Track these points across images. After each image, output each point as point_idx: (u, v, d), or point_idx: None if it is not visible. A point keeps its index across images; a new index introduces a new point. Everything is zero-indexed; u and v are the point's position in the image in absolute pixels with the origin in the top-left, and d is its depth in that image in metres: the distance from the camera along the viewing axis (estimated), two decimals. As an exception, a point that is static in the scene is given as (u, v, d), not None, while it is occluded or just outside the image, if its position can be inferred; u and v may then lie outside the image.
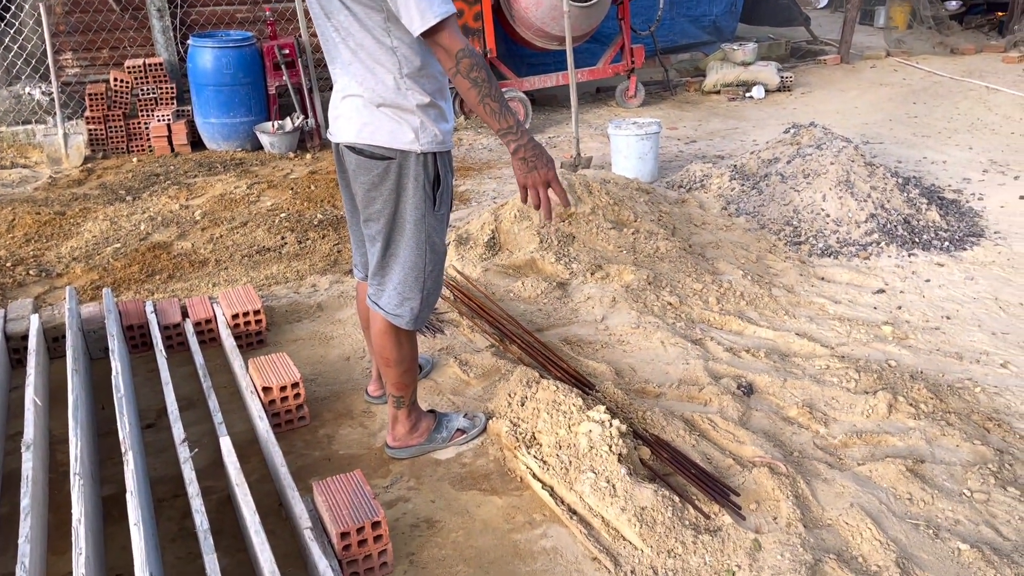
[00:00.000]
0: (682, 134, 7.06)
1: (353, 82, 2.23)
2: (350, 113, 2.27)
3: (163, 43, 7.00)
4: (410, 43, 2.18)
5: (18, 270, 4.38)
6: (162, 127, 6.66)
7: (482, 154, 6.72)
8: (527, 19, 7.09)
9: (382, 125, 2.23)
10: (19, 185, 6.02)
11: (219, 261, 4.60)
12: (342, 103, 2.30)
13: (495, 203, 5.40)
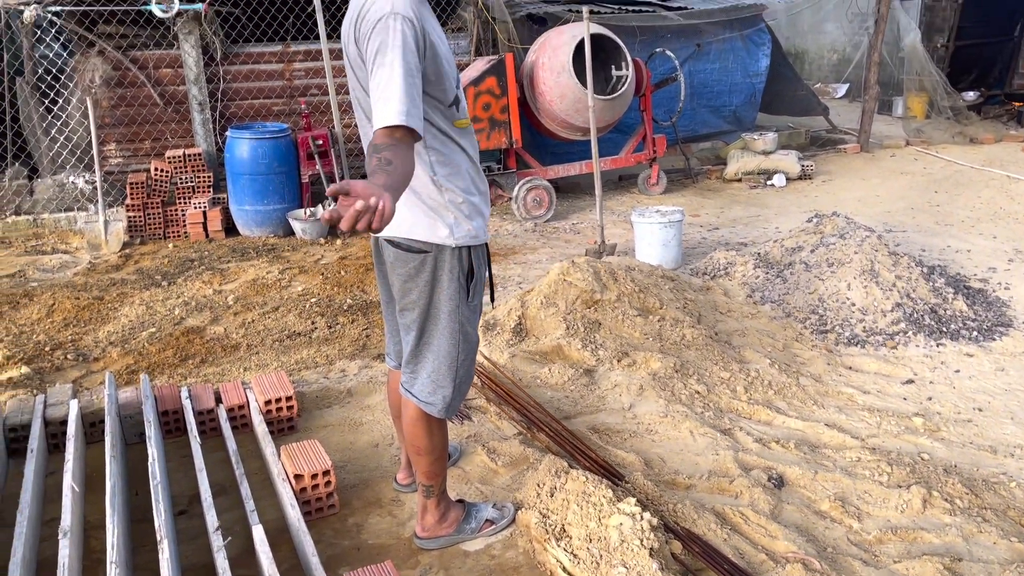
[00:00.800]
0: (705, 221, 7.17)
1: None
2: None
3: (203, 134, 7.29)
4: (441, 144, 2.29)
5: (56, 354, 4.48)
6: (198, 214, 6.87)
7: (507, 240, 6.84)
8: (552, 111, 7.32)
9: (419, 220, 2.32)
10: (59, 270, 6.20)
11: (251, 346, 4.68)
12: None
13: (521, 288, 5.48)
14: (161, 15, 6.82)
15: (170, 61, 7.22)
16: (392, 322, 2.70)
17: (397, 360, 2.73)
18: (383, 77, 2.01)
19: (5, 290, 5.64)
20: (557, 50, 7.15)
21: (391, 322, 2.71)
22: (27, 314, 5.12)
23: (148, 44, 7.20)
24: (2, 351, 4.45)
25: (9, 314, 5.14)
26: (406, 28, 2.06)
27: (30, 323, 4.98)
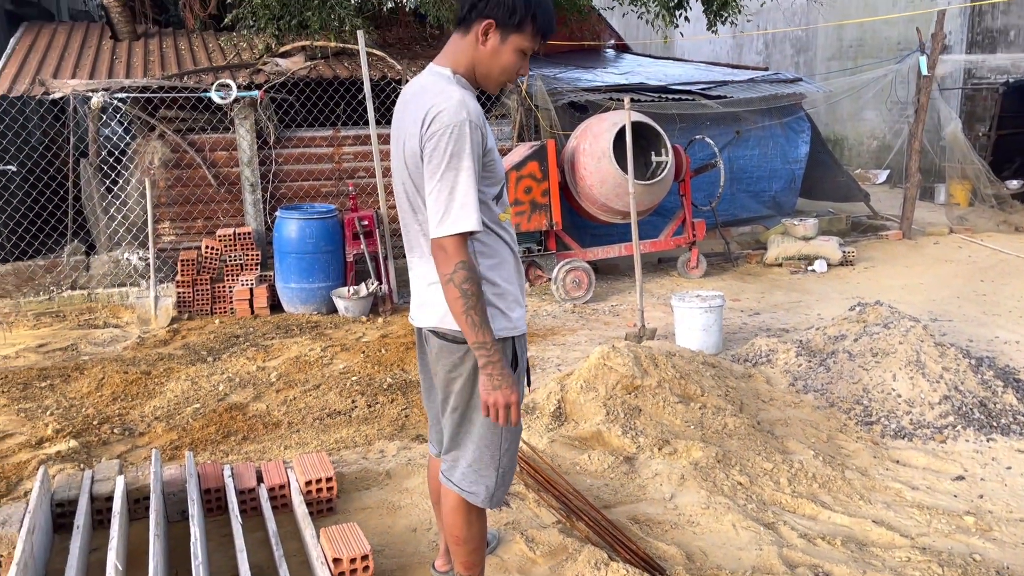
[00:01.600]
0: (745, 306, 7.14)
1: (435, 272, 2.27)
2: (434, 300, 2.36)
3: (253, 214, 7.54)
4: (486, 235, 2.33)
5: (104, 428, 4.57)
6: (245, 291, 7.04)
7: (546, 320, 6.88)
8: (592, 195, 7.44)
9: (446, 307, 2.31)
10: (110, 344, 6.36)
11: (291, 423, 4.73)
12: (426, 290, 2.40)
13: (559, 371, 5.48)
14: (219, 101, 7.15)
15: (225, 144, 7.52)
16: (433, 409, 2.69)
17: (438, 447, 2.71)
18: (459, 183, 2.14)
19: (58, 363, 5.80)
20: (598, 136, 7.32)
21: (432, 409, 2.70)
22: (77, 387, 5.25)
23: (205, 128, 7.53)
24: (52, 424, 4.55)
25: (61, 387, 5.27)
26: (475, 135, 2.16)
27: (80, 396, 5.10)
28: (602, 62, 11.20)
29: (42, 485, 3.06)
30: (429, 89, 2.27)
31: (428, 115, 2.18)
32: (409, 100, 2.34)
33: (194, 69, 7.64)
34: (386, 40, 9.07)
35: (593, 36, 11.45)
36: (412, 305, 2.53)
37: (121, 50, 8.40)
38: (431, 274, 2.33)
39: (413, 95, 2.33)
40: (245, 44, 8.60)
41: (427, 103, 2.21)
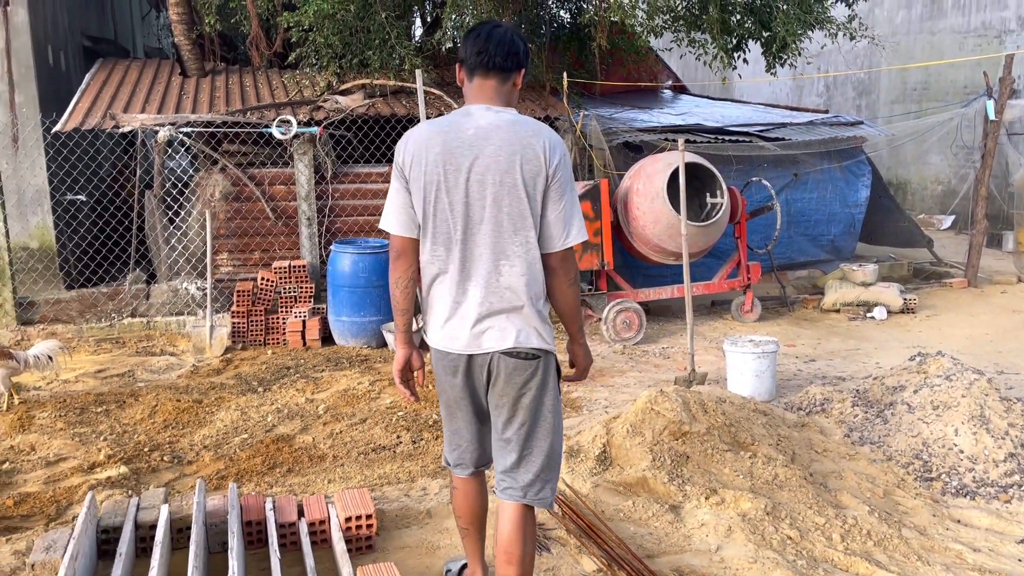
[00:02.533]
0: (800, 352, 6.97)
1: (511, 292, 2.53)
2: (511, 322, 2.54)
3: (308, 247, 7.67)
4: (539, 259, 2.56)
5: (154, 455, 4.64)
6: (298, 323, 7.14)
7: (595, 361, 6.80)
8: (644, 236, 7.39)
9: (533, 328, 2.56)
10: (165, 372, 6.50)
11: (336, 457, 4.74)
12: (496, 317, 2.54)
13: (607, 413, 5.40)
14: (280, 137, 7.33)
15: (284, 179, 7.69)
16: (474, 431, 2.76)
17: (475, 467, 2.83)
18: (576, 202, 2.59)
19: (115, 389, 5.94)
20: (652, 177, 7.28)
21: (472, 431, 2.76)
22: (131, 414, 5.35)
23: (265, 163, 7.72)
24: (105, 449, 4.64)
25: (115, 413, 5.39)
26: None
27: (133, 423, 5.20)
28: (659, 103, 11.20)
29: (88, 511, 3.11)
30: (527, 124, 2.57)
31: (548, 145, 2.53)
32: (493, 132, 2.52)
33: (256, 105, 7.86)
34: (443, 79, 9.21)
35: (650, 77, 11.47)
36: (459, 335, 2.57)
37: (189, 86, 8.70)
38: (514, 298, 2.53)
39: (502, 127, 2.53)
40: (307, 81, 8.83)
41: (540, 135, 2.54)
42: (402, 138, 2.64)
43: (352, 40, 8.23)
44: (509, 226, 2.51)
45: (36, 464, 4.46)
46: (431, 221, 2.56)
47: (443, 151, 2.52)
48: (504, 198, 2.51)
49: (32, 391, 5.94)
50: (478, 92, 2.60)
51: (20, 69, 8.50)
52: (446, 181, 2.52)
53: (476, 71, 2.58)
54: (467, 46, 2.61)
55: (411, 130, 2.64)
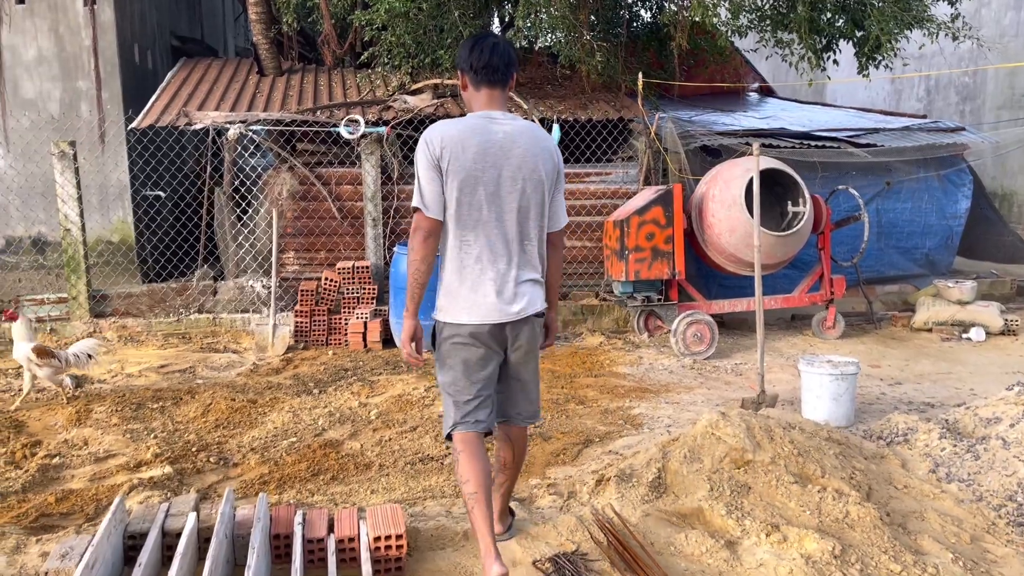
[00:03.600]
0: (885, 374, 6.49)
1: (531, 267, 3.05)
2: (534, 291, 3.06)
3: (373, 248, 7.60)
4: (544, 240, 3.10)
5: (200, 456, 4.59)
6: (359, 324, 7.07)
7: (661, 375, 6.50)
8: (719, 245, 7.03)
9: (542, 295, 3.14)
10: (225, 369, 6.51)
11: (383, 466, 4.59)
12: (522, 286, 3.02)
13: (668, 432, 5.11)
14: (347, 136, 7.28)
15: (351, 178, 7.65)
16: (492, 389, 3.15)
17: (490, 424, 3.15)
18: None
19: (174, 385, 5.96)
20: (729, 183, 6.92)
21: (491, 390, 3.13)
22: (185, 411, 5.34)
23: (333, 162, 7.68)
24: (153, 448, 4.62)
25: (171, 409, 5.39)
26: None
27: (186, 421, 5.18)
28: (742, 106, 10.76)
29: (113, 516, 3.03)
30: (537, 130, 3.09)
31: (555, 147, 3.12)
32: (517, 136, 2.97)
33: (327, 104, 7.84)
34: (517, 80, 9.03)
35: (735, 79, 11.02)
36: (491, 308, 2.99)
37: (264, 85, 8.77)
38: (529, 272, 3.04)
39: (523, 133, 2.99)
40: (380, 81, 8.79)
41: (548, 140, 3.11)
42: (430, 133, 2.93)
43: (425, 39, 8.13)
44: (532, 214, 3.00)
45: (85, 460, 4.46)
46: (464, 209, 2.92)
47: (478, 151, 2.91)
48: (530, 191, 2.98)
49: (96, 384, 6.03)
50: (488, 100, 3.00)
51: (106, 67, 8.74)
52: (483, 176, 2.91)
53: (484, 83, 2.97)
54: (473, 59, 2.95)
55: (438, 127, 2.94)
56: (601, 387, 6.09)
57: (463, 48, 3.00)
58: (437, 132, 2.91)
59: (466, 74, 2.99)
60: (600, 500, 3.83)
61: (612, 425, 5.28)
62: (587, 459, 4.73)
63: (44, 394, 5.75)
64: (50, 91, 8.69)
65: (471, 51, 2.96)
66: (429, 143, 2.90)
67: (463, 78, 3.02)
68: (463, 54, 2.98)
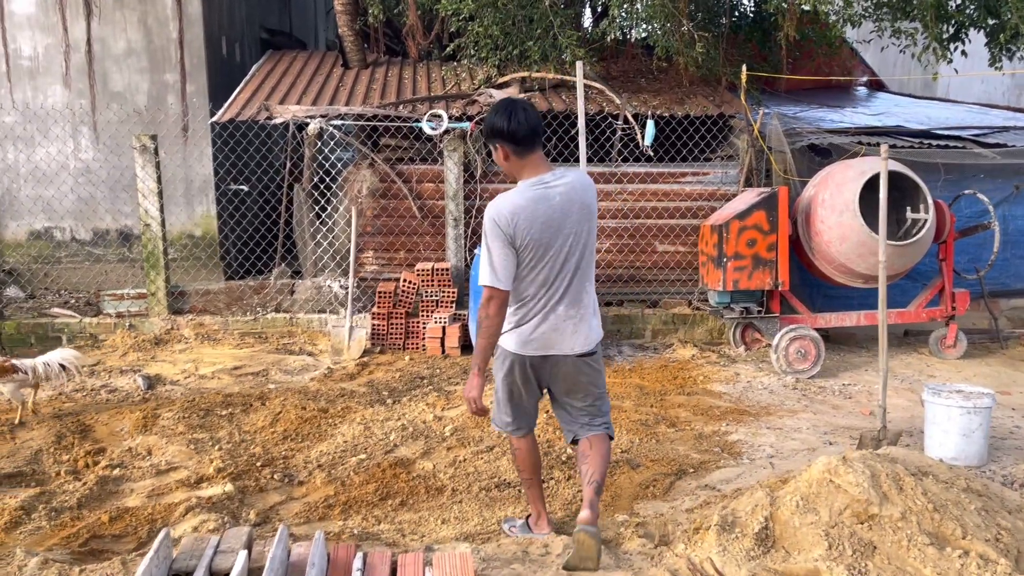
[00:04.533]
0: (1017, 402, 5.78)
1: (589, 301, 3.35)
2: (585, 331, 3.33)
3: (453, 249, 7.27)
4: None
5: (264, 472, 4.33)
6: (437, 329, 6.75)
7: (761, 395, 5.95)
8: (828, 254, 6.42)
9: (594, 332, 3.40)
10: (299, 373, 6.28)
11: (455, 491, 4.24)
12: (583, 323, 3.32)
13: (771, 464, 4.60)
14: (429, 132, 6.96)
15: (432, 176, 7.33)
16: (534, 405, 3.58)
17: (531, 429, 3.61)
18: None
19: (245, 390, 5.76)
20: (841, 186, 6.30)
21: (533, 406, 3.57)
22: (254, 420, 5.11)
23: (414, 159, 7.38)
24: (216, 461, 4.38)
25: (239, 417, 5.17)
26: None
27: (253, 431, 4.94)
28: (851, 101, 10.00)
29: (156, 554, 2.75)
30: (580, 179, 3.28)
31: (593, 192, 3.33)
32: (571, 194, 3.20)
33: (409, 98, 7.55)
34: (610, 72, 8.56)
35: (843, 72, 10.25)
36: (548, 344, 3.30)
37: (348, 78, 8.55)
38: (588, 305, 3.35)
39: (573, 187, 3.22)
40: (466, 74, 8.45)
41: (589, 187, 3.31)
42: (499, 210, 3.11)
43: (513, 30, 7.73)
44: (588, 262, 3.32)
45: (146, 472, 4.26)
46: (536, 270, 3.19)
47: (546, 220, 3.14)
48: (587, 245, 3.29)
49: (168, 386, 5.89)
50: (536, 164, 3.17)
51: (192, 60, 8.68)
52: (552, 241, 3.17)
53: (527, 149, 3.12)
54: (512, 127, 3.05)
55: (505, 203, 3.12)
56: (694, 407, 5.60)
57: (500, 120, 3.07)
58: (507, 209, 3.10)
59: (505, 145, 3.10)
60: (698, 551, 3.37)
61: (707, 453, 4.79)
62: (680, 493, 4.27)
63: (116, 394, 5.64)
64: (138, 83, 8.68)
65: (508, 120, 3.05)
66: (499, 220, 3.09)
67: (502, 150, 3.13)
68: (499, 125, 3.07)
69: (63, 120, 8.56)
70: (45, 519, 3.63)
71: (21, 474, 4.16)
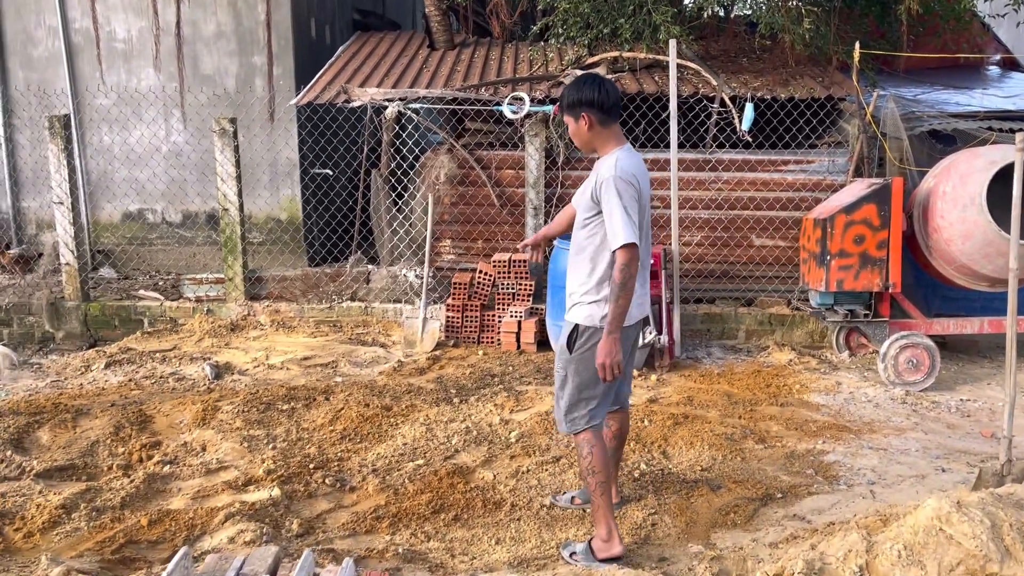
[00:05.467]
0: None
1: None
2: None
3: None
4: None
5: (316, 476, 4.11)
6: (513, 323, 6.44)
7: (864, 409, 5.38)
8: (948, 253, 5.74)
9: None
10: (368, 366, 6.09)
11: (515, 506, 3.92)
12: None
13: (872, 493, 4.08)
14: (510, 116, 6.61)
15: (512, 162, 6.98)
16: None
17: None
18: None
19: (311, 383, 5.60)
20: (966, 177, 5.60)
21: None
22: (314, 416, 4.93)
23: (494, 144, 7.05)
24: (268, 461, 4.20)
25: (300, 413, 5.00)
26: None
27: (312, 429, 4.76)
28: (981, 81, 9.03)
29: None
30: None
31: None
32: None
33: (492, 80, 7.21)
34: (709, 52, 7.99)
35: (972, 49, 9.28)
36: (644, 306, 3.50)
37: (433, 59, 8.29)
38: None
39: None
40: (554, 55, 8.05)
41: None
42: (628, 171, 3.19)
43: (604, 7, 7.28)
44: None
45: (196, 471, 4.11)
46: (643, 233, 3.28)
47: (646, 179, 3.34)
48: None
49: (236, 375, 5.79)
50: (617, 134, 3.32)
51: (279, 42, 8.60)
52: (647, 206, 3.35)
53: (613, 119, 3.29)
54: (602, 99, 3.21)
55: (629, 164, 3.21)
56: (787, 420, 5.09)
57: (587, 90, 3.20)
58: (631, 169, 3.21)
59: (593, 114, 3.22)
60: (778, 603, 2.94)
61: (799, 475, 4.31)
62: (764, 523, 3.82)
63: (183, 383, 5.57)
64: (227, 66, 8.67)
65: (598, 92, 3.20)
66: (632, 181, 3.18)
67: (588, 119, 3.23)
68: (587, 95, 3.20)
69: (155, 102, 8.64)
70: (85, 520, 3.51)
71: (73, 467, 4.09)
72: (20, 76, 8.83)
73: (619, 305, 3.16)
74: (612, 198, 3.14)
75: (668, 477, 4.23)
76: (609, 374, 3.17)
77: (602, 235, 3.25)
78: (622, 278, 3.14)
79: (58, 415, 4.79)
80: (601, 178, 3.19)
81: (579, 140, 3.33)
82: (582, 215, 3.34)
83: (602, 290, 3.27)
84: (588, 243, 3.32)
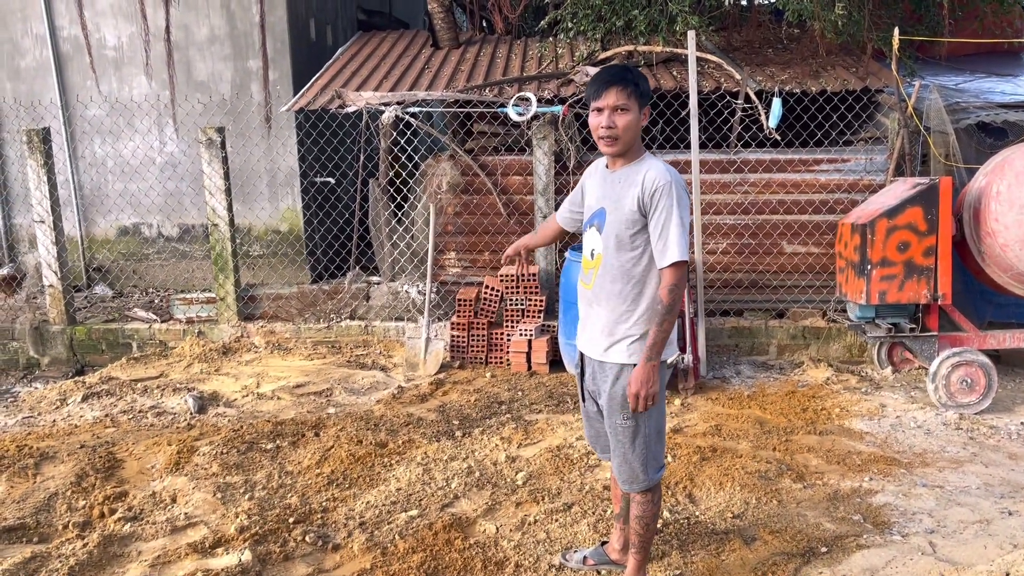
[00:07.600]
0: None
1: None
2: None
3: (543, 252, 6.40)
4: None
5: (295, 533, 3.63)
6: (523, 342, 5.94)
7: (914, 437, 4.82)
8: (1004, 260, 5.16)
9: None
10: (366, 392, 5.62)
11: (520, 566, 3.43)
12: None
13: (932, 548, 3.55)
14: (516, 118, 6.10)
15: (519, 168, 6.48)
16: None
17: None
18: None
19: (301, 416, 5.14)
20: (1023, 176, 5.02)
21: None
22: (300, 457, 4.46)
23: (499, 148, 6.55)
24: (242, 516, 3.73)
25: (284, 453, 4.53)
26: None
27: (296, 472, 4.28)
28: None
29: None
30: None
31: None
32: None
33: (497, 80, 6.70)
34: (731, 43, 7.44)
35: (1016, 34, 8.64)
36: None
37: (436, 59, 7.80)
38: None
39: None
40: (565, 51, 7.53)
41: None
42: (675, 174, 2.83)
43: (616, -2, 6.75)
44: None
45: (160, 529, 3.65)
46: None
47: None
48: None
49: (222, 407, 5.34)
50: None
51: (275, 44, 8.16)
52: None
53: None
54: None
55: (671, 169, 2.85)
56: (828, 452, 4.54)
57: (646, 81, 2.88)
58: (674, 171, 2.88)
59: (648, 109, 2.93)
60: None
61: (845, 522, 3.77)
62: (807, 585, 3.29)
63: (162, 418, 5.13)
64: (221, 72, 8.25)
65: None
66: (685, 188, 2.86)
67: (648, 114, 2.94)
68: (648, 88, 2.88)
69: (149, 112, 8.24)
70: (22, 597, 3.07)
71: (24, 527, 3.64)
72: (8, 88, 8.46)
73: (663, 330, 2.82)
74: (671, 207, 2.76)
75: (695, 527, 3.71)
76: (642, 405, 2.82)
77: (651, 253, 2.85)
78: (671, 299, 2.81)
79: (21, 460, 4.36)
80: (654, 185, 2.78)
81: (629, 135, 2.85)
82: (623, 231, 2.86)
83: (653, 318, 2.86)
84: (634, 266, 2.87)
